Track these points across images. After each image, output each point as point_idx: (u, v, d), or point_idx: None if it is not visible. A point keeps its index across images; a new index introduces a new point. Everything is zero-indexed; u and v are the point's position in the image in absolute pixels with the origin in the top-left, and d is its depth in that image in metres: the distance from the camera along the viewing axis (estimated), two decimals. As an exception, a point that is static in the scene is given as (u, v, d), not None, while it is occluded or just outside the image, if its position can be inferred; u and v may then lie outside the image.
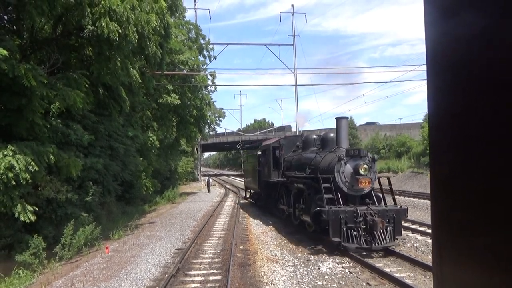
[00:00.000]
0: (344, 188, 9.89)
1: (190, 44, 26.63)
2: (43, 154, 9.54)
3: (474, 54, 0.74)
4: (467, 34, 0.75)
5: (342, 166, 9.91)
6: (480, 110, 0.73)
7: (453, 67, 0.79)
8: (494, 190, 0.70)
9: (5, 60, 8.32)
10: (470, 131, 0.76)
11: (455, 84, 0.79)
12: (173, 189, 28.11)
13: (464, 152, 0.78)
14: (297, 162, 13.17)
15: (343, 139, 10.91)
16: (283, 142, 15.26)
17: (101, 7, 10.39)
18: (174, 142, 28.31)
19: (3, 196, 8.58)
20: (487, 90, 0.72)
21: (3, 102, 9.63)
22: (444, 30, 0.80)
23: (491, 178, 0.71)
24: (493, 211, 0.70)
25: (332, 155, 10.51)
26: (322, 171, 10.40)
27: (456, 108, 0.79)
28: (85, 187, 13.32)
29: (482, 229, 0.73)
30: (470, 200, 0.76)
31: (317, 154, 11.46)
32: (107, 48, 11.51)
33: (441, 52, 0.82)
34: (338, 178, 9.87)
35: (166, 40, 15.27)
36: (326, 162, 10.60)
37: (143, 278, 7.78)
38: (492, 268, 0.71)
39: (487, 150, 0.71)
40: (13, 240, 9.87)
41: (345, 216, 9.07)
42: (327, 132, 12.77)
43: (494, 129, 0.70)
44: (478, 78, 0.73)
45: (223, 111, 47.74)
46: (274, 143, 15.70)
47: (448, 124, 0.82)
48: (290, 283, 7.12)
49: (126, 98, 15.80)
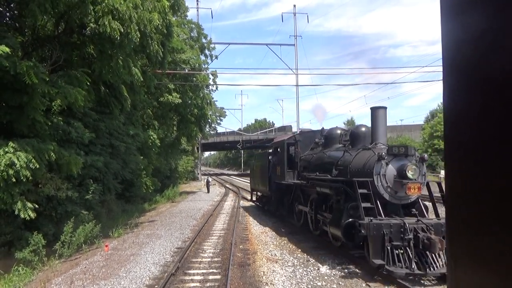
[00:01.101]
0: (385, 194, 7.98)
1: (192, 43, 26.63)
2: (43, 152, 9.55)
3: (489, 53, 0.73)
4: (483, 33, 0.74)
5: (383, 167, 8.00)
6: (495, 110, 0.72)
7: (469, 66, 0.78)
8: (511, 191, 0.69)
9: (7, 57, 8.32)
10: (486, 131, 0.75)
11: (471, 83, 0.78)
12: (173, 188, 28.15)
13: (481, 152, 0.77)
14: (318, 161, 11.30)
15: (380, 134, 8.98)
16: (299, 138, 13.13)
17: (104, 6, 10.41)
18: (174, 141, 28.35)
19: (3, 193, 8.58)
20: (502, 90, 0.71)
21: (4, 99, 9.64)
22: (461, 29, 0.80)
23: (507, 179, 0.70)
24: (510, 213, 0.69)
25: (367, 154, 8.66)
26: (354, 173, 8.74)
27: (471, 108, 0.79)
28: (86, 185, 13.33)
29: (498, 232, 0.72)
30: (485, 201, 0.75)
31: (345, 152, 9.70)
32: (109, 47, 11.52)
33: (457, 51, 0.81)
34: (378, 182, 7.97)
35: (168, 39, 15.27)
36: (359, 162, 8.76)
37: (142, 277, 7.79)
38: (508, 271, 0.70)
39: (503, 150, 0.71)
40: (13, 237, 9.88)
41: (389, 232, 7.16)
42: (358, 126, 10.79)
43: (509, 129, 0.69)
44: (494, 78, 0.73)
45: (224, 111, 47.83)
46: (288, 139, 13.60)
47: (464, 123, 0.81)
48: (290, 283, 7.11)
49: (127, 96, 15.81)
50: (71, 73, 11.40)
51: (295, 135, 13.74)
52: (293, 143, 13.21)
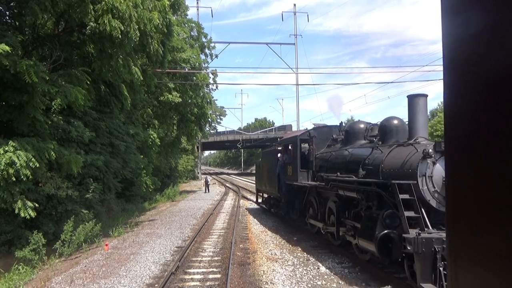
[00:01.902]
0: (432, 201, 6.58)
1: (192, 42, 26.64)
2: (44, 151, 9.55)
3: (491, 52, 0.73)
4: (483, 30, 0.74)
5: (429, 168, 6.61)
6: (495, 108, 0.72)
7: (470, 66, 0.78)
8: (510, 192, 0.69)
9: (7, 56, 8.33)
10: (486, 130, 0.74)
11: (471, 83, 0.78)
12: (173, 187, 28.16)
13: (481, 151, 0.76)
14: (339, 160, 9.99)
15: (421, 127, 7.51)
16: (314, 134, 11.63)
17: (104, 5, 10.40)
18: (174, 140, 28.36)
19: (3, 192, 8.58)
20: (503, 89, 0.71)
21: (4, 98, 9.64)
22: (461, 26, 0.79)
23: (508, 178, 0.69)
24: (509, 214, 0.69)
25: (405, 151, 7.30)
26: (388, 173, 7.40)
27: (472, 106, 0.78)
28: (86, 184, 13.33)
29: (498, 231, 0.72)
30: (486, 201, 0.75)
31: (374, 149, 8.38)
32: (109, 46, 11.51)
33: (457, 50, 0.81)
34: (423, 185, 6.60)
35: (168, 38, 15.26)
36: (395, 161, 7.42)
37: (142, 276, 7.79)
38: (508, 271, 0.69)
39: (505, 149, 0.70)
40: (13, 236, 9.88)
41: (441, 248, 5.69)
42: (389, 118, 8.92)
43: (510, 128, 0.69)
44: (495, 77, 0.72)
45: (224, 110, 47.87)
46: (301, 135, 12.17)
47: (464, 122, 0.81)
48: (290, 282, 7.12)
49: (128, 95, 15.82)
50: (71, 72, 11.41)
51: (309, 130, 12.17)
52: (306, 139, 11.75)
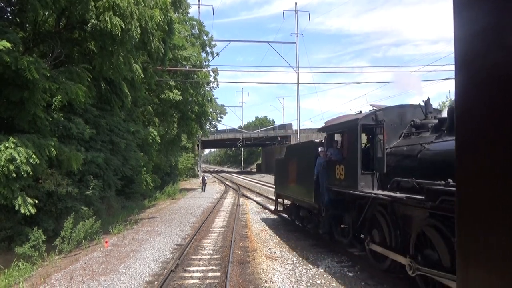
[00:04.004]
0: None
1: (193, 40, 26.63)
2: (44, 147, 9.56)
3: (496, 51, 0.72)
4: (491, 27, 0.73)
5: None
6: (506, 106, 0.71)
7: (479, 63, 0.77)
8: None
9: (8, 52, 8.32)
10: (496, 129, 0.73)
11: (484, 83, 0.77)
12: (173, 185, 28.16)
13: (492, 151, 0.75)
14: (438, 157, 6.06)
15: None
16: (381, 117, 7.58)
17: (105, 1, 10.39)
18: (175, 138, 28.36)
19: (3, 188, 8.59)
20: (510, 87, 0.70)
21: (5, 94, 9.63)
22: (473, 22, 0.79)
23: (510, 179, 0.69)
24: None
25: None
26: None
27: (483, 104, 0.77)
28: (86, 181, 13.34)
29: (509, 232, 0.71)
30: (497, 202, 0.74)
31: None
32: (110, 43, 11.50)
33: (470, 51, 0.80)
34: None
35: (169, 36, 15.25)
36: None
37: (142, 273, 7.80)
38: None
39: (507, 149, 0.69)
40: (13, 232, 9.90)
41: None
42: None
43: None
44: (501, 75, 0.72)
45: (224, 108, 47.84)
46: (364, 118, 7.83)
47: (474, 121, 0.80)
48: (289, 281, 7.12)
49: (128, 93, 15.81)
50: (72, 69, 11.39)
51: (375, 111, 7.82)
52: (372, 125, 7.75)
